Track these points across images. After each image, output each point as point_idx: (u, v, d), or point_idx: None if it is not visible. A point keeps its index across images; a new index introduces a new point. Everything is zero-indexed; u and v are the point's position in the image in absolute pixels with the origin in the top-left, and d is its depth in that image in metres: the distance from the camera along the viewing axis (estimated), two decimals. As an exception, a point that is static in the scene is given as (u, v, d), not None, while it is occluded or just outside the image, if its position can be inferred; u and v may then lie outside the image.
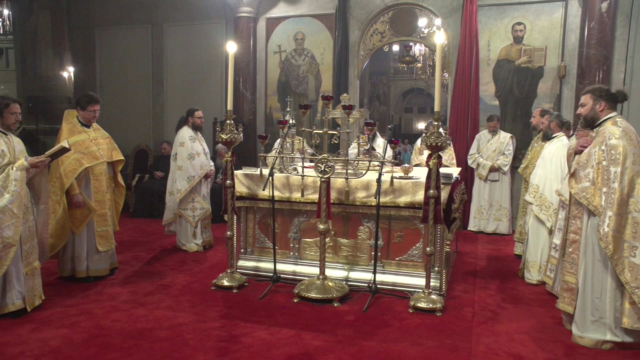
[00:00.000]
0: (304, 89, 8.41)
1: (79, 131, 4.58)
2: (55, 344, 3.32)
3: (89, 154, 4.55)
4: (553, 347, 3.39)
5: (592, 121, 3.51)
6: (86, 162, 4.51)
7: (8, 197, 3.65)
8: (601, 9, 6.52)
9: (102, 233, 4.66)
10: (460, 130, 7.38)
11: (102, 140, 4.75)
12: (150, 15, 9.33)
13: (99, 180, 4.62)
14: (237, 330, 3.57)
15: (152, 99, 9.46)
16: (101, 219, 4.65)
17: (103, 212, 4.66)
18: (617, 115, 3.46)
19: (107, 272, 4.77)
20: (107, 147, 4.76)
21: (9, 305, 3.74)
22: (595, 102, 3.47)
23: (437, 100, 3.88)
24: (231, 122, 4.39)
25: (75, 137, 4.50)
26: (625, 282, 3.19)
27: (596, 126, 3.50)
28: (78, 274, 4.60)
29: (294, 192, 4.67)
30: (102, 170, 4.65)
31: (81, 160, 4.49)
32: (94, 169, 4.58)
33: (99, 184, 4.62)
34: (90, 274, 4.64)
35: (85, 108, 4.60)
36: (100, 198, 4.62)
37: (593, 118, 3.50)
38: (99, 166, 4.62)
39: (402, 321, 3.78)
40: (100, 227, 4.65)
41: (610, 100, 3.46)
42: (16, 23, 10.33)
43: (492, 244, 6.55)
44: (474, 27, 7.18)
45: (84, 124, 4.64)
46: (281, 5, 8.36)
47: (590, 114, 3.50)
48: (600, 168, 3.30)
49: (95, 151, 4.61)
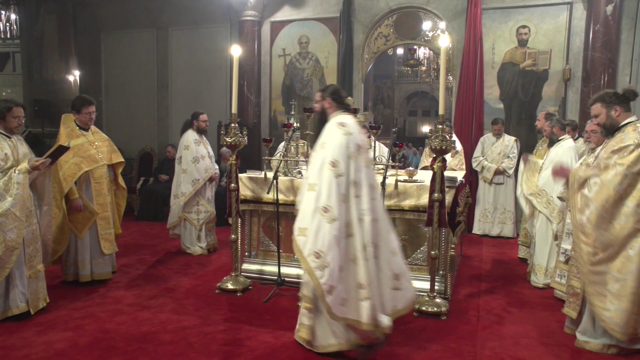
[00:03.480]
0: (308, 93, 8.42)
1: (77, 135, 4.54)
2: (60, 347, 3.33)
3: (88, 157, 4.52)
4: (559, 351, 3.37)
5: (611, 128, 3.38)
6: (85, 166, 4.49)
7: (10, 201, 3.66)
8: (606, 12, 6.50)
9: (106, 236, 4.66)
10: (465, 133, 7.36)
11: (101, 143, 4.71)
12: (156, 19, 9.38)
13: (100, 183, 4.60)
14: (241, 334, 3.57)
15: (157, 102, 9.49)
16: (104, 222, 4.64)
17: (106, 215, 4.65)
18: (638, 121, 3.34)
19: (110, 275, 4.77)
20: (106, 149, 4.73)
21: (13, 308, 3.75)
22: (609, 108, 3.36)
23: (442, 104, 3.88)
24: (236, 125, 4.39)
25: (74, 141, 4.47)
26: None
27: (616, 131, 3.36)
28: (82, 278, 4.58)
29: (298, 196, 4.66)
30: (103, 173, 4.63)
31: (80, 164, 4.46)
32: (94, 172, 4.56)
33: (100, 187, 4.60)
34: (94, 277, 4.63)
35: (80, 111, 4.57)
36: (102, 201, 4.61)
37: (612, 125, 3.37)
38: (99, 169, 4.60)
39: (407, 325, 3.77)
40: (104, 230, 4.65)
41: (623, 103, 3.35)
42: (23, 27, 10.40)
43: (497, 247, 6.52)
44: (479, 30, 7.17)
45: (82, 128, 4.61)
46: (286, 9, 8.39)
47: (607, 122, 3.38)
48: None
49: (95, 154, 4.58)
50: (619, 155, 3.21)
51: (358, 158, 3.20)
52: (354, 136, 3.22)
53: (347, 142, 3.17)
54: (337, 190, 3.08)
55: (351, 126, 3.25)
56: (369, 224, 3.15)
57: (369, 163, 3.33)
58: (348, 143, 3.17)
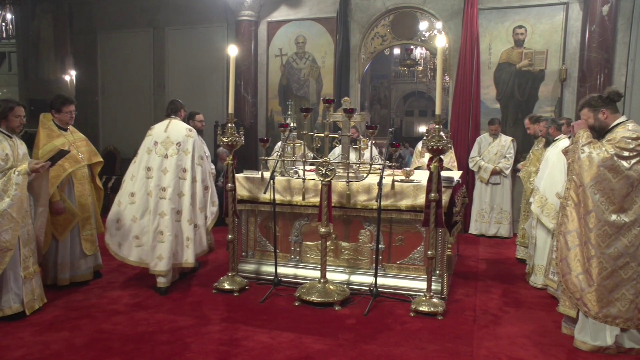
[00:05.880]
0: (305, 92, 8.42)
1: (57, 135, 4.43)
2: (56, 347, 3.32)
3: (70, 157, 4.40)
4: (555, 351, 3.37)
5: (601, 131, 3.45)
6: (69, 167, 4.41)
7: (8, 201, 3.65)
8: (602, 12, 6.52)
9: (87, 237, 4.61)
10: (462, 134, 7.38)
11: (81, 143, 4.64)
12: (152, 19, 9.36)
13: (82, 184, 4.55)
14: (238, 334, 3.56)
15: (154, 102, 9.48)
16: (86, 222, 4.59)
17: (87, 215, 4.59)
18: (628, 120, 3.41)
19: (90, 276, 4.70)
20: (85, 149, 4.66)
21: (5, 309, 3.73)
22: (597, 112, 3.44)
23: (438, 104, 3.89)
24: (232, 125, 4.39)
25: (54, 141, 4.38)
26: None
27: (607, 133, 3.43)
28: (60, 282, 4.46)
29: (295, 196, 4.67)
30: (84, 174, 4.58)
31: (63, 164, 4.35)
32: (77, 172, 4.51)
33: (82, 187, 4.55)
34: (74, 280, 4.55)
35: (61, 110, 4.46)
36: (83, 202, 4.56)
37: (602, 127, 3.44)
38: (81, 170, 4.54)
39: (403, 325, 3.78)
40: (86, 231, 4.60)
41: (609, 105, 3.43)
42: (19, 27, 10.38)
43: (494, 247, 6.54)
44: (475, 30, 7.18)
45: (60, 127, 4.51)
46: (282, 8, 8.39)
47: (597, 125, 3.45)
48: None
49: (76, 154, 4.51)
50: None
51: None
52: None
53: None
54: None
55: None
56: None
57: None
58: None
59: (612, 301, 3.23)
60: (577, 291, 3.31)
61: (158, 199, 4.42)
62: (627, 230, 3.21)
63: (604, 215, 3.22)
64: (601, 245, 3.22)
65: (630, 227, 3.21)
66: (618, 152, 3.22)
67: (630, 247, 3.21)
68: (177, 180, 4.45)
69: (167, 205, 4.39)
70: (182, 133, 4.57)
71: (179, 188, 4.45)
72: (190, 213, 4.49)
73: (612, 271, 3.22)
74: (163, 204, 4.40)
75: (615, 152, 3.23)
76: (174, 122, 4.68)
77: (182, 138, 4.54)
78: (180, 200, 4.46)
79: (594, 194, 3.24)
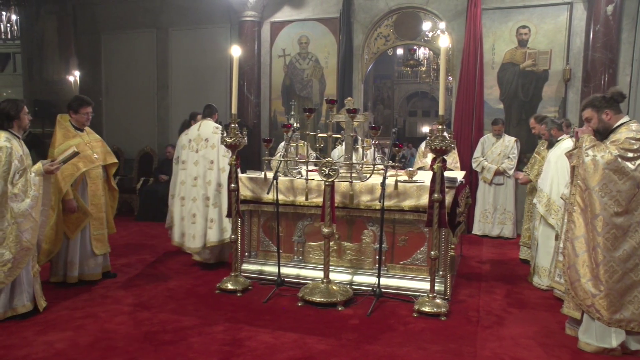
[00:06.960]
0: (308, 93, 8.42)
1: (73, 135, 4.55)
2: (60, 347, 3.33)
3: (85, 157, 4.51)
4: (559, 352, 3.36)
5: (605, 131, 3.44)
6: (83, 166, 4.49)
7: (28, 202, 3.71)
8: (606, 12, 6.49)
9: (98, 236, 4.65)
10: (465, 134, 7.36)
11: (96, 144, 4.73)
12: (156, 20, 9.38)
13: (96, 183, 4.61)
14: (241, 334, 3.57)
15: (157, 102, 9.50)
16: (97, 222, 4.64)
17: (99, 215, 4.65)
18: (632, 120, 3.40)
19: (99, 276, 4.73)
20: (101, 150, 4.74)
21: (19, 307, 3.77)
22: (600, 113, 3.42)
23: (442, 104, 3.88)
24: (235, 125, 4.40)
25: (70, 141, 4.48)
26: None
27: (610, 133, 3.42)
28: (69, 279, 4.52)
29: (298, 196, 4.67)
30: (98, 174, 4.65)
31: (77, 164, 4.44)
32: (90, 172, 4.57)
33: (96, 187, 4.61)
34: (83, 278, 4.59)
35: (78, 111, 4.58)
36: (96, 202, 4.62)
37: (605, 128, 3.43)
38: (95, 170, 4.61)
39: (407, 325, 3.77)
40: (97, 231, 4.64)
41: (612, 106, 3.42)
42: (23, 28, 10.43)
43: (497, 247, 6.52)
44: (479, 30, 7.17)
45: (77, 128, 4.62)
46: (285, 9, 8.39)
47: (600, 126, 3.44)
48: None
49: (91, 154, 4.60)
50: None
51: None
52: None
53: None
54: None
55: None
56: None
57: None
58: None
59: (624, 304, 3.20)
60: (588, 298, 3.28)
61: (190, 187, 5.21)
62: (634, 232, 3.19)
63: (611, 218, 3.20)
64: (610, 248, 3.20)
65: (637, 228, 3.19)
66: (622, 153, 3.21)
67: (638, 249, 3.19)
68: (205, 170, 5.16)
69: (198, 192, 5.14)
70: (210, 130, 5.24)
71: (207, 177, 5.15)
72: (215, 198, 5.15)
73: (623, 274, 3.20)
74: (195, 191, 5.17)
75: (619, 153, 3.21)
76: (205, 122, 5.35)
77: (210, 135, 5.21)
78: (208, 187, 5.16)
79: (601, 197, 3.22)
